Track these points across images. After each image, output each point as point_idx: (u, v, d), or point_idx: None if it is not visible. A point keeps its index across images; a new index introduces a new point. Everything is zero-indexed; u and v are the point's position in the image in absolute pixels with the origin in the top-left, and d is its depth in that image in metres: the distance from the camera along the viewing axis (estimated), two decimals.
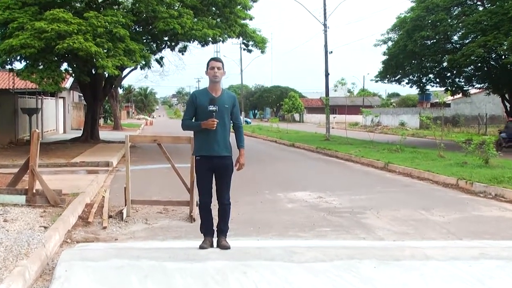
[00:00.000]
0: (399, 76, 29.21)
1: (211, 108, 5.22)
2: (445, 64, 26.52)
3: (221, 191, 5.43)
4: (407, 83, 29.94)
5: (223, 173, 5.38)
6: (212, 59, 5.43)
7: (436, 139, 18.14)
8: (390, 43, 28.18)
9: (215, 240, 5.48)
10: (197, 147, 5.42)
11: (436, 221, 7.47)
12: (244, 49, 23.01)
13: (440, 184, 11.33)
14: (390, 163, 14.46)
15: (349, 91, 25.30)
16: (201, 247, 5.33)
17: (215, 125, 5.20)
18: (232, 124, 5.52)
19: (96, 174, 11.79)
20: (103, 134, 27.88)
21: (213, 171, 5.36)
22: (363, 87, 76.17)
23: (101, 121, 45.94)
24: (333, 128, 39.92)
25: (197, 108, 5.35)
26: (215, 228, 5.52)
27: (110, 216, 7.23)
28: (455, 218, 7.67)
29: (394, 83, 29.88)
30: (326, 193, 9.86)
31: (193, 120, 5.44)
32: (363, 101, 66.43)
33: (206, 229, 5.49)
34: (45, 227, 6.15)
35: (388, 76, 29.19)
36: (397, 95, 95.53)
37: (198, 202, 5.32)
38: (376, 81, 30.03)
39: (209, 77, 5.36)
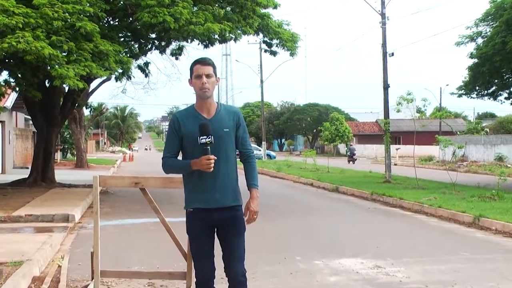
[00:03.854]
0: (494, 88, 29.02)
1: (203, 140, 5.03)
2: None
3: (231, 260, 5.24)
4: (506, 99, 29.76)
5: (231, 232, 5.24)
6: (197, 61, 5.25)
7: None
8: (480, 40, 28.01)
9: None
10: (188, 197, 5.29)
11: None
12: (265, 51, 23.25)
13: None
14: (483, 216, 14.32)
15: (418, 110, 25.01)
16: None
17: (212, 165, 5.02)
18: (238, 154, 5.37)
19: (49, 233, 11.83)
20: (62, 174, 28.06)
21: (215, 231, 5.27)
22: (440, 104, 76.10)
23: (58, 155, 46.30)
24: (395, 164, 39.97)
25: (183, 139, 5.22)
26: None
27: None
28: None
29: (486, 98, 29.68)
30: (387, 260, 9.88)
31: (180, 157, 5.29)
32: (440, 125, 65.97)
33: None
34: None
35: (477, 88, 28.99)
36: (492, 115, 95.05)
37: (195, 279, 5.24)
38: (460, 96, 29.85)
39: (196, 90, 5.20)
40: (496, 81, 28.48)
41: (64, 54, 16.08)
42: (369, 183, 25.38)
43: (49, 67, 15.91)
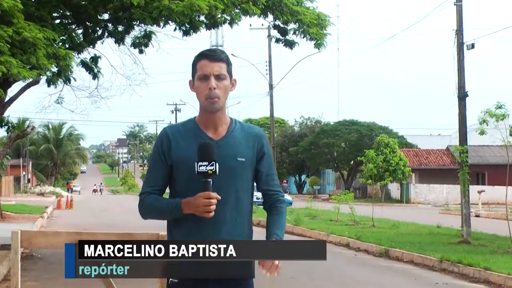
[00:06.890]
0: None
1: (203, 168, 3.96)
2: None
3: None
4: None
5: None
6: (203, 55, 4.18)
7: None
8: None
9: None
10: None
11: None
12: (277, 41, 21.10)
13: None
14: None
15: None
16: None
17: (213, 208, 3.96)
18: (262, 196, 4.36)
19: None
20: None
21: None
22: None
23: None
24: (477, 216, 37.74)
25: (173, 167, 4.22)
26: None
27: None
28: None
29: None
30: None
31: (167, 195, 4.41)
32: None
33: None
34: None
35: None
36: None
37: None
38: None
39: (199, 98, 4.20)
40: None
41: None
42: (436, 244, 22.17)
43: None
